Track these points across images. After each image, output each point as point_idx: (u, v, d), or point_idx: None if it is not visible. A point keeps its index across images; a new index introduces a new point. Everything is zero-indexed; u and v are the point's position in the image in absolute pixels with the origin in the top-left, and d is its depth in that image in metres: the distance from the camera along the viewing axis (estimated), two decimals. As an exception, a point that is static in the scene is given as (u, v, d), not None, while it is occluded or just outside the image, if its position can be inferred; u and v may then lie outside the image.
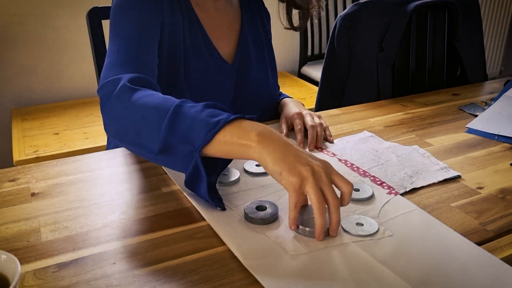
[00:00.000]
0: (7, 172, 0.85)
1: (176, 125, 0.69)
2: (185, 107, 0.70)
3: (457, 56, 1.53)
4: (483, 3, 3.12)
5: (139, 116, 0.72)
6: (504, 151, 0.96)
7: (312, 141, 0.94)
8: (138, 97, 0.74)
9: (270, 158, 0.64)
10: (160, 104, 0.72)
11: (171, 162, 0.72)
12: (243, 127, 0.67)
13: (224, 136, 0.67)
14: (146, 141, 0.71)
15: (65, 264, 0.61)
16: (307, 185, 0.63)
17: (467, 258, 0.63)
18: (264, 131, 0.67)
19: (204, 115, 0.68)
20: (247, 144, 0.66)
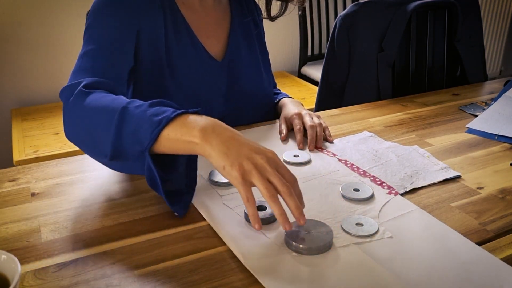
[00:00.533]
0: (7, 172, 0.85)
1: (123, 128, 0.69)
2: (130, 108, 0.70)
3: (457, 56, 1.53)
4: (483, 3, 3.12)
5: (90, 121, 0.73)
6: (504, 151, 0.96)
7: (312, 141, 0.94)
8: (90, 101, 0.74)
9: (214, 153, 0.64)
10: (109, 107, 0.72)
11: (126, 166, 0.73)
12: (186, 124, 0.67)
13: (169, 134, 0.66)
14: (100, 147, 0.71)
15: (65, 264, 0.61)
16: (252, 177, 0.63)
17: (467, 258, 0.63)
18: (207, 126, 0.66)
19: (148, 114, 0.68)
20: (191, 141, 0.66)
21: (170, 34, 0.95)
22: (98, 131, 0.71)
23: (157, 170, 0.67)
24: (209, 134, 0.65)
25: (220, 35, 1.03)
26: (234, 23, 1.05)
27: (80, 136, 0.75)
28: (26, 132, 1.85)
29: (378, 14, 1.41)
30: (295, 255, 0.63)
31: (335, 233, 0.67)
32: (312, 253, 0.63)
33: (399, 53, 1.46)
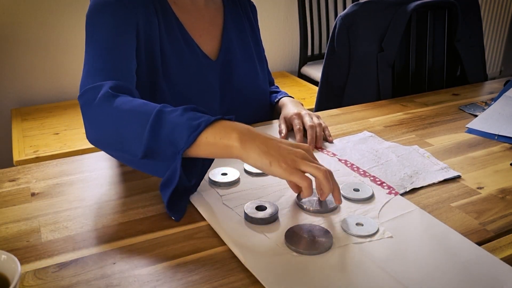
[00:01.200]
0: (7, 172, 0.85)
1: (159, 129, 0.70)
2: (166, 112, 0.71)
3: (457, 56, 1.53)
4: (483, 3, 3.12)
5: (121, 122, 0.73)
6: (504, 151, 0.96)
7: (312, 141, 0.94)
8: (119, 104, 0.75)
9: (254, 154, 0.67)
10: (141, 109, 0.73)
11: (154, 167, 0.73)
12: (224, 128, 0.69)
13: (207, 137, 0.69)
14: (129, 146, 0.72)
15: (65, 264, 0.61)
16: (300, 165, 0.67)
17: (467, 258, 0.63)
18: (244, 130, 0.69)
19: (185, 118, 0.70)
20: (229, 144, 0.68)
21: (163, 34, 0.95)
22: (130, 130, 0.72)
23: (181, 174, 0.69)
24: (247, 137, 0.69)
25: (214, 33, 1.03)
26: (227, 21, 1.05)
27: (106, 137, 0.75)
28: (26, 132, 1.85)
29: (378, 14, 1.41)
30: (295, 255, 0.63)
31: (335, 233, 0.67)
32: (312, 253, 0.63)
33: (399, 53, 1.46)
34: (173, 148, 0.69)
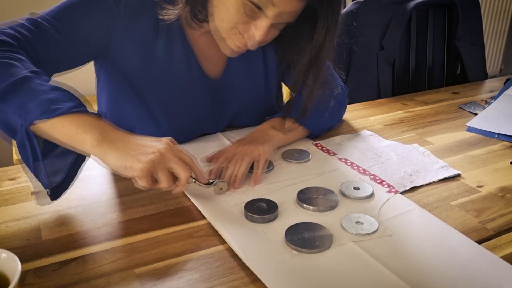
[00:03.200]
0: (7, 171, 0.85)
1: (17, 89, 0.66)
2: (34, 81, 0.68)
3: (457, 54, 1.53)
4: (483, 1, 3.12)
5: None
6: (504, 150, 0.96)
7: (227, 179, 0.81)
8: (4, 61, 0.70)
9: (113, 156, 0.66)
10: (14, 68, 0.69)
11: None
12: (83, 122, 0.66)
13: (60, 124, 0.65)
14: None
15: (65, 263, 0.61)
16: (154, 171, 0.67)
17: (467, 256, 0.63)
18: (104, 129, 0.67)
19: (48, 96, 0.67)
20: (85, 139, 0.66)
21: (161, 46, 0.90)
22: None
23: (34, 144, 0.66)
24: (107, 138, 0.66)
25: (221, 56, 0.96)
26: None
27: None
28: (26, 131, 1.84)
29: (378, 12, 1.41)
30: (295, 253, 0.63)
31: (335, 231, 0.67)
32: (312, 251, 0.63)
33: (399, 51, 1.46)
34: (19, 116, 0.65)
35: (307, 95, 0.88)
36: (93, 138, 0.65)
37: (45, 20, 0.81)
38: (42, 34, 0.80)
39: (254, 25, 0.78)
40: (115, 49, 0.89)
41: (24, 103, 0.66)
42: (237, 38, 0.81)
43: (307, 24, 0.82)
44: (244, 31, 0.79)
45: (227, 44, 0.83)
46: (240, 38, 0.81)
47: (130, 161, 0.66)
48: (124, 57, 0.90)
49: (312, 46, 0.82)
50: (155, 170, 0.67)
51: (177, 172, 0.69)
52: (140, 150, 0.67)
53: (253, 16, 0.76)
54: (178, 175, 0.69)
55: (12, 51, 0.73)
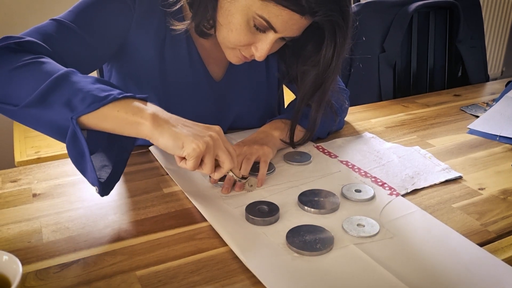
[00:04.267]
0: (9, 173, 0.85)
1: (62, 85, 0.66)
2: (75, 75, 0.68)
3: (459, 56, 1.53)
4: (484, 3, 3.12)
5: (19, 70, 0.68)
6: (505, 152, 0.96)
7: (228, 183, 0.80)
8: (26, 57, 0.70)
9: (167, 135, 0.67)
10: (48, 66, 0.69)
11: (39, 118, 0.68)
12: (136, 105, 0.67)
13: (111, 110, 0.66)
14: (17, 93, 0.67)
15: (66, 265, 0.61)
16: (207, 153, 0.69)
17: (469, 259, 0.63)
18: (157, 111, 0.69)
19: (94, 87, 0.67)
20: (138, 122, 0.66)
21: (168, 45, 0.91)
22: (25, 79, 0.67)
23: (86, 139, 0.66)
24: (160, 118, 0.68)
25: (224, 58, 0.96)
26: None
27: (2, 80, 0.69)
28: (28, 133, 1.85)
29: (380, 14, 1.41)
30: (297, 255, 0.63)
31: (336, 234, 0.67)
32: (313, 254, 0.63)
33: (400, 53, 1.46)
34: (68, 110, 0.65)
35: (315, 110, 0.88)
36: (147, 120, 0.66)
37: (68, 19, 0.82)
38: (68, 33, 0.80)
39: (261, 39, 0.78)
40: (130, 46, 0.90)
41: (69, 99, 0.65)
42: (244, 50, 0.82)
43: (315, 37, 0.82)
44: (252, 43, 0.80)
45: (233, 53, 0.84)
46: (247, 49, 0.82)
47: (184, 140, 0.67)
48: (137, 54, 0.91)
49: (320, 60, 0.81)
50: (205, 153, 0.69)
51: (222, 160, 0.71)
52: (194, 131, 0.69)
53: (262, 30, 0.77)
54: (222, 163, 0.72)
55: (41, 52, 0.74)
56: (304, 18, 0.74)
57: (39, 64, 0.69)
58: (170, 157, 0.89)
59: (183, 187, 0.79)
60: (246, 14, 0.75)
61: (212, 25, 0.82)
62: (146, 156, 0.92)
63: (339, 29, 0.76)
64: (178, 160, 0.71)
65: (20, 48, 0.72)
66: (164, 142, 0.67)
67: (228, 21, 0.78)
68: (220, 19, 0.79)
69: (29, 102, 0.66)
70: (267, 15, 0.73)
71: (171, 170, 0.84)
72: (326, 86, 0.85)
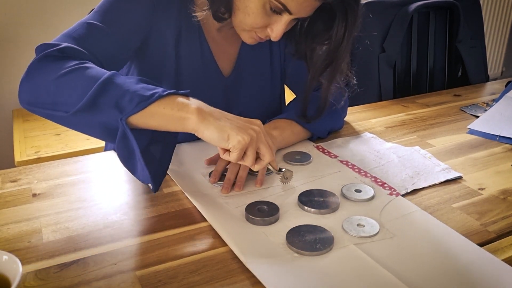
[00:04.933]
0: (9, 173, 0.85)
1: (108, 89, 0.69)
2: (119, 77, 0.71)
3: (459, 57, 1.53)
4: (484, 3, 3.12)
5: (66, 77, 0.71)
6: (505, 152, 0.96)
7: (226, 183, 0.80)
8: (69, 64, 0.72)
9: (213, 128, 0.69)
10: (92, 71, 0.71)
11: (90, 122, 0.71)
12: (180, 101, 0.70)
13: (158, 108, 0.69)
14: (66, 100, 0.70)
15: (66, 265, 0.61)
16: (250, 146, 0.71)
17: (469, 259, 0.63)
18: (201, 105, 0.71)
19: (139, 87, 0.70)
20: (184, 116, 0.69)
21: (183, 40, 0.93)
22: (74, 86, 0.70)
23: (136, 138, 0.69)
24: (205, 111, 0.70)
25: (231, 52, 1.00)
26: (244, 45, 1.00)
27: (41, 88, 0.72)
28: (28, 132, 1.85)
29: (380, 14, 1.41)
30: (297, 255, 0.63)
31: (336, 234, 0.67)
32: (313, 254, 0.63)
33: (400, 53, 1.46)
34: (117, 112, 0.68)
35: (324, 90, 0.91)
36: (193, 114, 0.69)
37: (97, 20, 0.83)
38: (99, 34, 0.82)
39: (276, 20, 0.81)
40: (150, 41, 0.91)
41: (117, 101, 0.68)
42: (260, 31, 0.84)
43: (324, 15, 0.84)
44: (267, 25, 0.82)
45: (249, 35, 0.87)
46: (263, 31, 0.84)
47: (230, 133, 0.70)
48: (155, 50, 0.92)
49: (331, 38, 0.84)
50: (249, 145, 0.71)
51: (263, 153, 0.74)
52: (237, 124, 0.72)
53: (277, 12, 0.80)
54: (263, 156, 0.74)
55: (82, 57, 0.76)
56: (317, 0, 0.76)
57: (84, 70, 0.71)
58: (170, 157, 0.89)
59: (183, 187, 0.79)
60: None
61: (228, 9, 0.84)
62: (146, 156, 0.92)
63: (350, 8, 0.79)
64: (221, 152, 0.73)
65: (63, 55, 0.74)
66: (209, 134, 0.69)
67: (245, 5, 0.80)
68: (238, 3, 0.82)
69: (80, 108, 0.68)
70: None
71: (171, 170, 0.84)
72: (338, 63, 0.87)
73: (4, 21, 1.99)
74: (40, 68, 0.73)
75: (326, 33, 0.86)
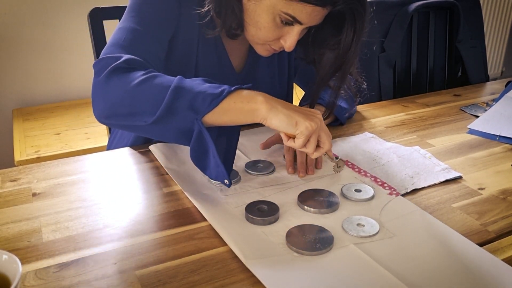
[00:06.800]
0: (9, 172, 0.85)
1: (180, 94, 0.72)
2: (186, 81, 0.74)
3: (459, 56, 1.53)
4: (484, 3, 3.12)
5: (138, 88, 0.74)
6: (505, 152, 0.96)
7: (301, 167, 0.85)
8: (138, 75, 0.75)
9: (282, 115, 0.73)
10: (159, 80, 0.74)
11: (165, 131, 0.74)
12: (248, 94, 0.73)
13: (235, 102, 0.72)
14: (143, 110, 0.73)
15: (66, 264, 0.61)
16: (314, 133, 0.74)
17: (468, 259, 0.63)
18: (267, 96, 0.74)
19: (206, 86, 0.73)
20: (253, 108, 0.72)
21: (201, 40, 0.94)
22: (148, 95, 0.73)
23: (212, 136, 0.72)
24: (272, 100, 0.73)
25: (242, 48, 1.01)
26: None
27: (117, 101, 0.75)
28: (28, 132, 1.85)
29: (380, 14, 1.41)
30: (296, 255, 0.63)
31: (336, 233, 0.67)
32: (313, 253, 0.63)
33: (400, 53, 1.46)
34: (193, 113, 0.71)
35: (333, 94, 0.94)
36: (262, 105, 0.72)
37: (135, 23, 0.85)
38: (142, 38, 0.86)
39: (288, 31, 0.83)
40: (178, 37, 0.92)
41: (191, 103, 0.72)
42: (273, 44, 0.86)
43: (333, 21, 0.85)
44: (280, 37, 0.84)
45: (263, 48, 0.89)
46: (276, 43, 0.86)
47: (298, 118, 0.73)
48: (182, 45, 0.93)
49: (340, 44, 0.85)
50: (313, 133, 0.74)
51: (323, 141, 0.77)
52: (304, 112, 0.75)
53: (288, 23, 0.81)
54: (323, 144, 0.77)
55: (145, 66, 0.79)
56: (325, 8, 0.78)
57: (153, 79, 0.75)
58: (170, 156, 0.89)
59: (183, 187, 0.79)
60: (272, 13, 0.80)
61: (239, 25, 0.86)
62: (146, 156, 0.92)
63: (359, 15, 0.81)
64: (285, 139, 0.76)
65: (130, 67, 0.77)
66: (278, 122, 0.73)
67: (255, 20, 0.82)
68: (248, 19, 0.84)
69: (158, 116, 0.72)
70: (292, 12, 0.78)
71: (171, 170, 0.84)
72: (346, 68, 0.88)
73: (4, 21, 1.99)
74: (112, 81, 0.75)
75: (334, 38, 0.86)
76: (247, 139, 0.97)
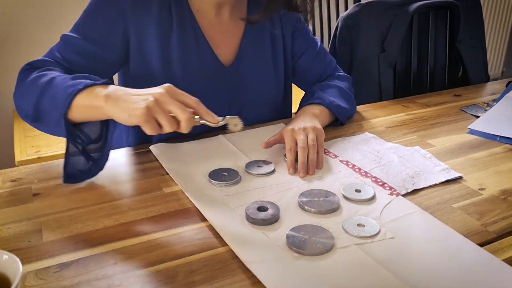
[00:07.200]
0: (9, 172, 0.85)
1: (47, 93, 0.78)
2: (57, 79, 0.79)
3: (459, 57, 1.53)
4: (485, 3, 3.12)
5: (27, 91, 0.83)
6: (506, 152, 0.96)
7: (302, 167, 0.84)
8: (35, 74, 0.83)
9: (117, 110, 0.72)
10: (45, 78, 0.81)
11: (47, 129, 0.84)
12: (95, 92, 0.75)
13: (83, 100, 0.75)
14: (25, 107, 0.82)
15: (66, 264, 0.61)
16: (155, 113, 0.70)
17: (469, 259, 0.63)
18: (111, 92, 0.74)
19: (67, 84, 0.77)
20: (98, 105, 0.74)
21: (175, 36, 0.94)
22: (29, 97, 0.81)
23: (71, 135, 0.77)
24: (112, 97, 0.73)
25: (232, 43, 1.01)
26: (246, 31, 1.02)
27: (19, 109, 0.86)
28: (28, 132, 1.85)
29: (380, 14, 1.41)
30: (297, 255, 0.63)
31: (336, 234, 0.67)
32: (313, 254, 0.63)
33: (400, 53, 1.46)
34: (57, 111, 0.76)
35: None
36: (103, 101, 0.73)
37: (73, 33, 0.92)
38: (71, 48, 0.91)
39: None
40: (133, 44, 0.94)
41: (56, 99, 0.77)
42: None
43: None
44: None
45: None
46: None
47: (130, 110, 0.70)
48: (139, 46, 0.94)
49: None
50: (154, 114, 0.70)
51: (176, 114, 0.71)
52: (138, 99, 0.71)
53: None
54: (178, 116, 0.71)
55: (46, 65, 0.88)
56: None
57: (38, 78, 0.81)
58: (170, 156, 0.89)
59: (183, 186, 0.79)
60: None
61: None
62: (146, 156, 0.92)
63: None
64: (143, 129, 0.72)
65: (30, 67, 0.86)
66: (118, 118, 0.73)
67: None
68: None
69: (32, 116, 0.81)
70: None
71: (171, 170, 0.84)
72: None
73: (5, 21, 1.99)
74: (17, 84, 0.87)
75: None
76: (247, 139, 0.97)
